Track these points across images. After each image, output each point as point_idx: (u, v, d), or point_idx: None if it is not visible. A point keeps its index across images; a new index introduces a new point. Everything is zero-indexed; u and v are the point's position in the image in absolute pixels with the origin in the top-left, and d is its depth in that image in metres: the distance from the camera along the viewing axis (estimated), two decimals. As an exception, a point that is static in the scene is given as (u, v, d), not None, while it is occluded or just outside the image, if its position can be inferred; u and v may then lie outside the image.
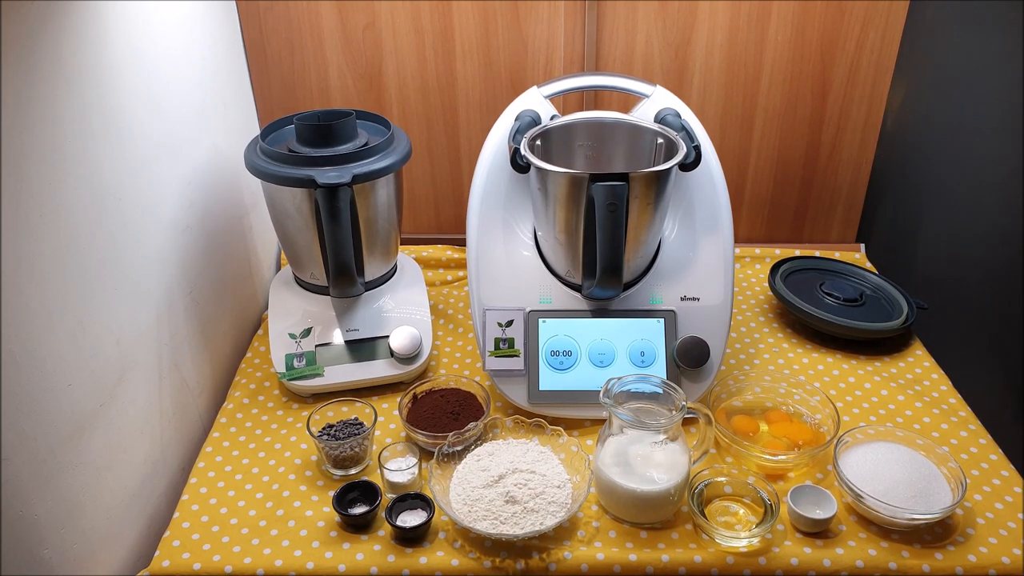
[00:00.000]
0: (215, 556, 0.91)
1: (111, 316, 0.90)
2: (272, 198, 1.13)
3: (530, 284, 1.11)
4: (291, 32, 1.34)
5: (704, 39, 1.34)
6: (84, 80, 0.85)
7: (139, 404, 0.97)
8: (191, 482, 1.02)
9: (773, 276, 1.34)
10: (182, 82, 1.09)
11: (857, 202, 1.50)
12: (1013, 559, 0.89)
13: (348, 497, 0.96)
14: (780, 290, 1.30)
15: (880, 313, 1.27)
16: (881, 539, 0.92)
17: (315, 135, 1.09)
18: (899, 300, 1.30)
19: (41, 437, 0.78)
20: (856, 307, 1.28)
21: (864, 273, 1.37)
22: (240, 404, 1.15)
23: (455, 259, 1.46)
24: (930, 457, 0.98)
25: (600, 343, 1.09)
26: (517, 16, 1.32)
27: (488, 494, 0.93)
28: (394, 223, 1.19)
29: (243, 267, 1.30)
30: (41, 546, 0.79)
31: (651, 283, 1.11)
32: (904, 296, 1.30)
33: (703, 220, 1.12)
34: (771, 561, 0.89)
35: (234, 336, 1.26)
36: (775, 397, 1.11)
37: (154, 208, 1.01)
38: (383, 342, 1.16)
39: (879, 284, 1.34)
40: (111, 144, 0.90)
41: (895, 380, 1.18)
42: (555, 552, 0.90)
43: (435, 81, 1.39)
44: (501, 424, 1.04)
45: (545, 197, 1.05)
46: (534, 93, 1.16)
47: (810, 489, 0.95)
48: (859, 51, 1.35)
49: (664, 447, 0.93)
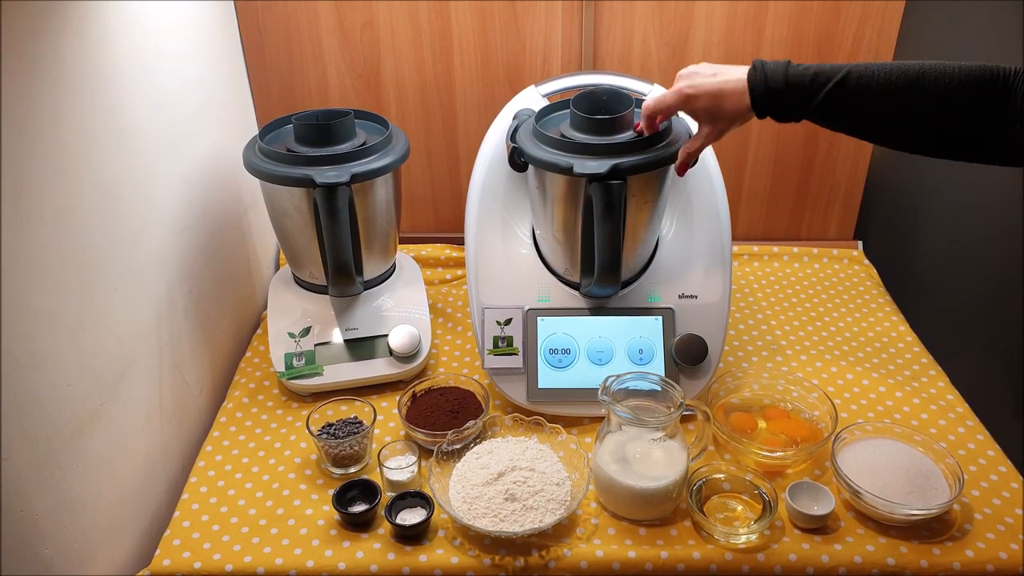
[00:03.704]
0: (215, 555, 0.91)
1: (111, 315, 0.90)
2: (271, 198, 1.13)
3: (529, 282, 1.11)
4: (289, 32, 1.35)
5: (701, 38, 1.34)
6: (84, 79, 0.85)
7: (139, 403, 0.97)
8: (191, 481, 1.02)
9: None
10: (181, 82, 1.09)
11: (855, 199, 1.51)
12: (1011, 554, 0.90)
13: (348, 495, 0.96)
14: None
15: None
16: (879, 535, 0.92)
17: (313, 134, 1.09)
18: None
19: (42, 436, 0.78)
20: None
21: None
22: (240, 403, 1.15)
23: (454, 258, 1.46)
24: (928, 453, 0.98)
25: (598, 341, 1.09)
26: (515, 15, 1.33)
27: (487, 492, 0.93)
28: (393, 222, 1.19)
29: (242, 266, 1.30)
30: (42, 545, 0.79)
31: (649, 281, 1.12)
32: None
33: (701, 218, 1.12)
34: (769, 557, 0.90)
35: (233, 335, 1.26)
36: (773, 394, 1.11)
37: (154, 207, 1.01)
38: (382, 341, 1.16)
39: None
40: (111, 143, 0.90)
41: (892, 377, 1.18)
42: (554, 549, 0.91)
43: (433, 80, 1.39)
44: (500, 422, 1.04)
45: (543, 196, 1.05)
46: (532, 92, 1.16)
47: (808, 485, 0.96)
48: (855, 50, 1.35)
49: (663, 444, 0.94)
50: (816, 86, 0.83)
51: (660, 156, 0.98)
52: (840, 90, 0.82)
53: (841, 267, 1.46)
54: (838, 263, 1.47)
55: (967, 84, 0.78)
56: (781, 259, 1.48)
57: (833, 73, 0.82)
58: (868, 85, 0.81)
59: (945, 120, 0.80)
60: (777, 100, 0.85)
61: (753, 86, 0.86)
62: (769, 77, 0.85)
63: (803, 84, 0.83)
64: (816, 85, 0.83)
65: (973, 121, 0.79)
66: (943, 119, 0.80)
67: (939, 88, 0.79)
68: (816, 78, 0.83)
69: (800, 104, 0.84)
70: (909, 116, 0.82)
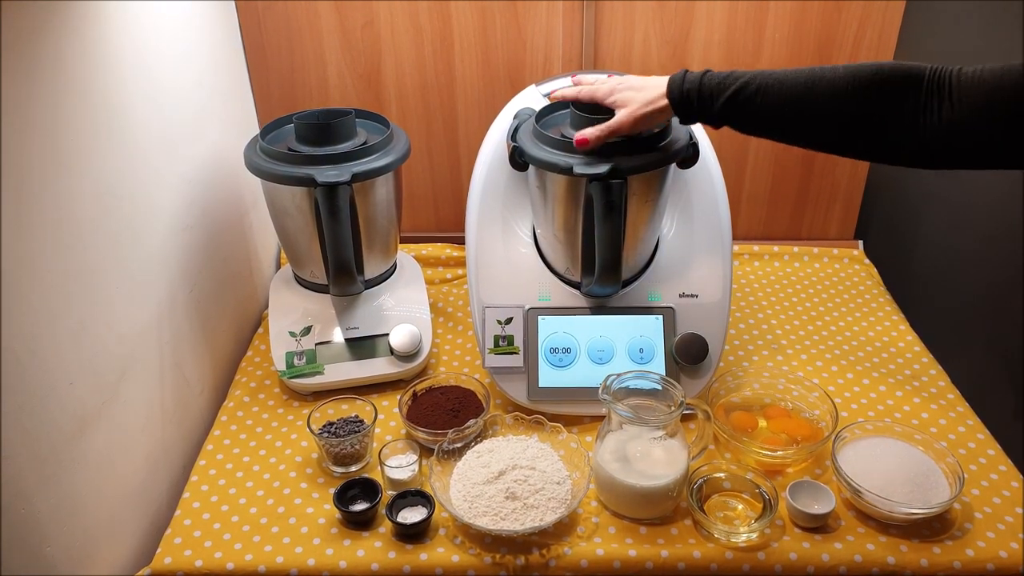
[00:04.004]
0: (217, 553, 0.91)
1: (112, 314, 0.91)
2: (272, 197, 1.14)
3: (529, 282, 1.12)
4: (290, 31, 1.35)
5: (702, 37, 1.35)
6: (85, 79, 0.85)
7: (141, 402, 0.97)
8: (192, 480, 1.02)
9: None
10: (182, 81, 1.09)
11: (855, 199, 1.51)
12: (1011, 553, 0.90)
13: (349, 494, 0.96)
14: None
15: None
16: (880, 533, 0.92)
17: (314, 134, 1.09)
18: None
19: (43, 435, 0.78)
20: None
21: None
22: (241, 402, 1.15)
23: (454, 257, 1.46)
24: (928, 452, 0.99)
25: (599, 340, 1.09)
26: (515, 14, 1.33)
27: (488, 490, 0.93)
28: (393, 221, 1.19)
29: (243, 266, 1.31)
30: (43, 544, 0.79)
31: (650, 280, 1.12)
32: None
33: (701, 217, 1.12)
34: (770, 556, 0.90)
35: (235, 334, 1.27)
36: (773, 393, 1.11)
37: (155, 206, 1.01)
38: (383, 340, 1.17)
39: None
40: (112, 142, 0.90)
41: (893, 376, 1.18)
42: (555, 548, 0.91)
43: (434, 80, 1.39)
44: (501, 421, 1.04)
45: (544, 195, 1.05)
46: (532, 91, 1.16)
47: (809, 484, 0.96)
48: (856, 50, 1.35)
49: (663, 443, 0.94)
50: (721, 89, 0.87)
51: (660, 156, 0.98)
52: (741, 93, 0.86)
53: (841, 267, 1.46)
54: (838, 263, 1.47)
55: (868, 87, 0.80)
56: (781, 259, 1.48)
57: (739, 78, 0.86)
58: (767, 92, 0.85)
59: (846, 126, 0.83)
60: (688, 102, 0.90)
61: (671, 89, 0.91)
62: (686, 80, 0.90)
63: (710, 88, 0.88)
64: (721, 88, 0.87)
65: (877, 125, 0.81)
66: (844, 126, 0.83)
67: (836, 87, 0.82)
68: (723, 82, 0.87)
69: (707, 107, 0.89)
70: (808, 123, 0.85)
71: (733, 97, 0.86)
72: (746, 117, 0.88)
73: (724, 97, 0.86)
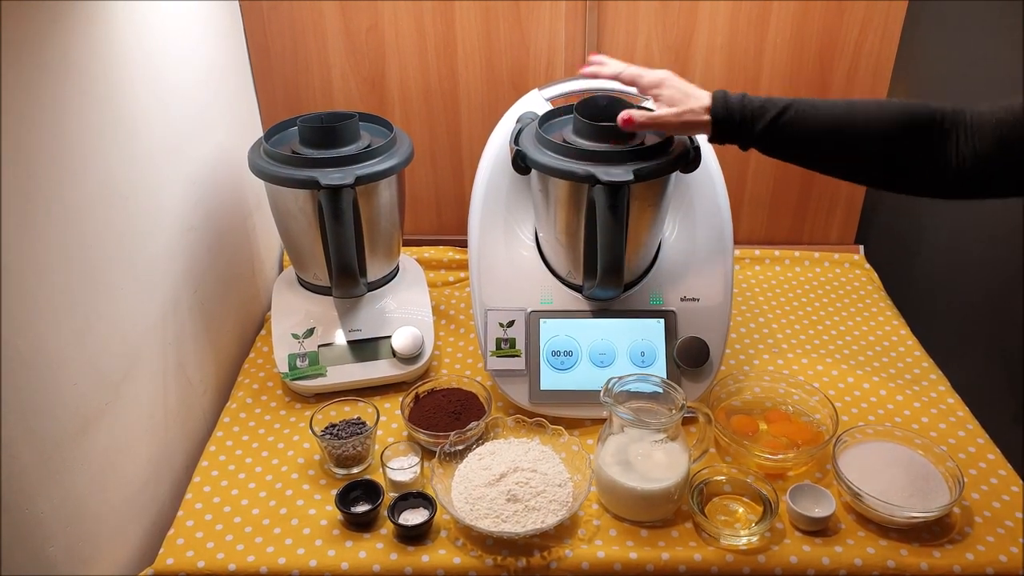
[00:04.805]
0: (219, 554, 0.92)
1: (117, 314, 0.91)
2: (275, 199, 1.14)
3: (531, 285, 1.12)
4: (294, 34, 1.35)
5: (704, 41, 1.35)
6: (91, 80, 0.85)
7: (144, 402, 0.97)
8: (195, 481, 1.02)
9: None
10: (187, 82, 1.10)
11: (856, 203, 1.51)
12: (1011, 557, 0.90)
13: (351, 496, 0.97)
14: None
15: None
16: (880, 537, 0.92)
17: (318, 137, 1.09)
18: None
19: (47, 434, 0.79)
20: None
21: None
22: (243, 404, 1.15)
23: (457, 260, 1.46)
24: (928, 456, 0.99)
25: (601, 343, 1.09)
26: (519, 18, 1.33)
27: (490, 493, 0.93)
28: (396, 224, 1.19)
29: (246, 267, 1.31)
30: (46, 544, 0.79)
31: (651, 284, 1.12)
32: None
33: (703, 221, 1.13)
34: (770, 559, 0.90)
35: (238, 336, 1.27)
36: (774, 397, 1.11)
37: (159, 207, 1.01)
38: (385, 342, 1.17)
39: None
40: (118, 143, 0.91)
41: (893, 380, 1.18)
42: (556, 550, 0.91)
43: (437, 83, 1.39)
44: (502, 423, 1.04)
45: (546, 198, 1.06)
46: (535, 95, 1.16)
47: (809, 488, 0.96)
48: (858, 52, 1.36)
49: (664, 446, 0.94)
50: (762, 112, 0.88)
51: (672, 161, 0.99)
52: (781, 118, 0.87)
53: (842, 271, 1.47)
54: (839, 267, 1.47)
55: (899, 123, 0.84)
56: (783, 263, 1.49)
57: (778, 103, 0.88)
58: (805, 118, 0.87)
59: (877, 157, 0.86)
60: (730, 122, 0.90)
61: (715, 107, 0.91)
62: (729, 101, 0.90)
63: (752, 111, 0.89)
64: (762, 112, 0.88)
65: (906, 159, 0.85)
66: (874, 156, 0.86)
67: (870, 127, 0.85)
68: (764, 106, 0.88)
69: (747, 130, 0.89)
70: (843, 152, 0.88)
71: (774, 121, 0.87)
72: (783, 142, 0.89)
73: (765, 121, 0.88)
